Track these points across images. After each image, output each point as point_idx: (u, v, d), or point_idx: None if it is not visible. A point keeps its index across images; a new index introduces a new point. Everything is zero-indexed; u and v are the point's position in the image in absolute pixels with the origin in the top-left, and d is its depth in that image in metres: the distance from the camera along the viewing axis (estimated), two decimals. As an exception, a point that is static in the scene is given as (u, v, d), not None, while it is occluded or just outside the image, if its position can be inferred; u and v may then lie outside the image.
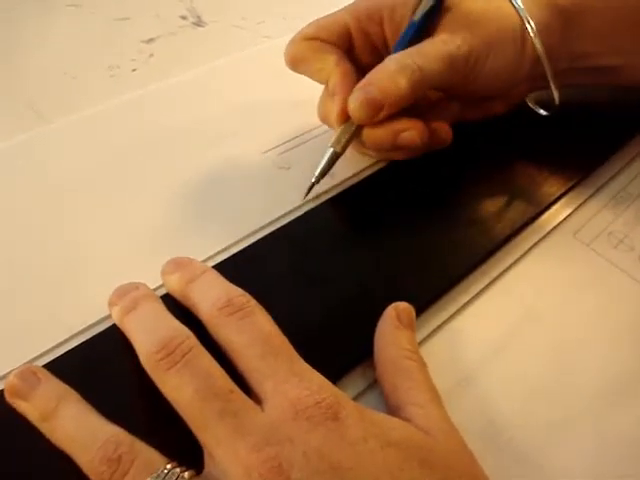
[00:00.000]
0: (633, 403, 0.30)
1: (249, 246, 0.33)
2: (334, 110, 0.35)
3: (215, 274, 0.28)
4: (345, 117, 0.35)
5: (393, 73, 0.34)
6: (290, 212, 0.35)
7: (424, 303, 0.31)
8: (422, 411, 0.26)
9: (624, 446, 0.28)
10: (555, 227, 0.38)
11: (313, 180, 0.35)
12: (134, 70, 0.42)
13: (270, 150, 0.38)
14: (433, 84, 0.35)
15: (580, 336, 0.32)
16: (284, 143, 0.39)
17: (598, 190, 0.40)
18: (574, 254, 0.36)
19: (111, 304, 0.28)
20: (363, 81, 0.34)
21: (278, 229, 0.34)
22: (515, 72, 0.37)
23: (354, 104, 0.34)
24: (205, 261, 0.32)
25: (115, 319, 0.28)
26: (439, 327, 0.31)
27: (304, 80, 0.37)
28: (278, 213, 0.35)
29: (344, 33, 0.37)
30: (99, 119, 0.39)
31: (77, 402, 0.24)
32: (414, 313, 0.29)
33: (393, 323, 0.29)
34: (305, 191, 0.35)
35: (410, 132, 0.35)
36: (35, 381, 0.25)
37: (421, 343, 0.30)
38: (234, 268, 0.31)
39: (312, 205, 0.36)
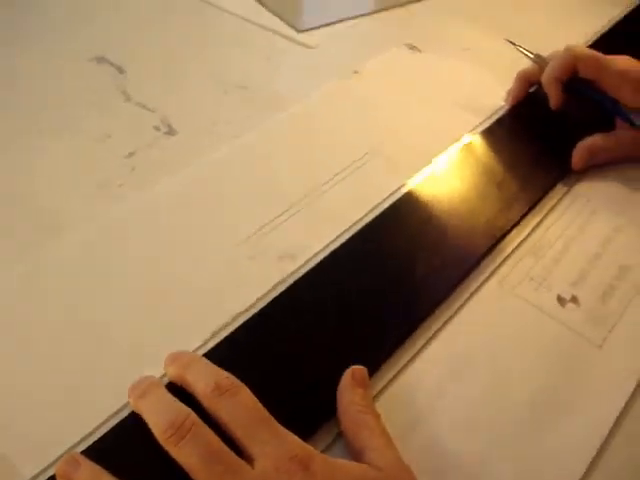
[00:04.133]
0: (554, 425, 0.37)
1: (230, 334, 0.40)
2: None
3: (204, 362, 0.36)
4: None
5: None
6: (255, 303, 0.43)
7: (377, 362, 0.39)
8: (377, 453, 0.33)
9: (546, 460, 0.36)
10: (485, 279, 0.45)
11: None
12: (120, 185, 0.50)
13: (242, 242, 0.46)
14: None
15: (508, 370, 0.40)
16: (255, 233, 0.47)
17: (521, 242, 0.48)
18: (500, 300, 0.44)
19: (129, 395, 0.36)
20: None
21: (248, 319, 0.41)
22: None
23: None
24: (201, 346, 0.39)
25: (132, 406, 0.35)
26: (390, 381, 0.39)
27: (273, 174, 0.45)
28: (250, 300, 0.42)
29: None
30: (95, 235, 0.47)
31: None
32: (366, 373, 0.37)
33: (350, 383, 0.36)
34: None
35: None
36: (76, 465, 0.33)
37: (377, 395, 0.38)
38: (220, 353, 0.39)
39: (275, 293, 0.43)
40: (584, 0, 0.79)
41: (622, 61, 0.54)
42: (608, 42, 0.66)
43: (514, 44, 0.61)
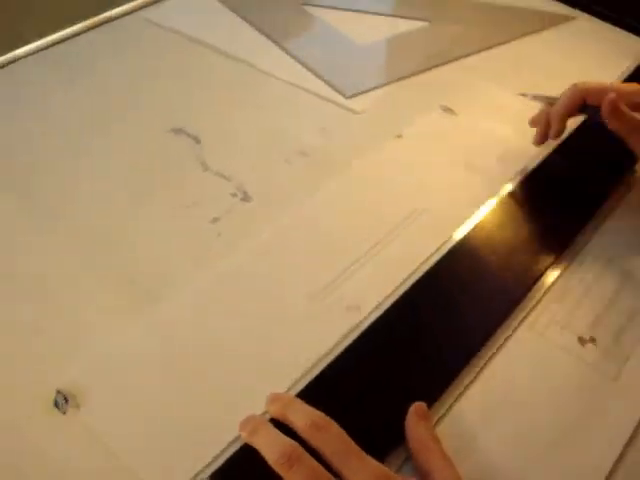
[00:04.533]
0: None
1: (314, 378, 0.50)
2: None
3: (299, 402, 0.46)
4: None
5: None
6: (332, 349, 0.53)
7: (433, 397, 0.49)
8: (440, 474, 0.43)
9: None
10: (518, 325, 0.55)
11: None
12: (209, 250, 0.60)
13: (315, 295, 0.56)
14: None
15: (537, 405, 0.50)
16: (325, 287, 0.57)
17: (548, 289, 0.58)
18: (531, 343, 0.54)
19: (240, 430, 0.46)
20: None
21: (328, 365, 0.51)
22: None
23: None
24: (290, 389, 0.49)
25: (245, 439, 0.45)
26: (445, 412, 0.49)
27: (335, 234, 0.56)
28: (327, 347, 0.52)
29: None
30: (193, 296, 0.57)
31: None
32: (426, 408, 0.47)
33: (414, 416, 0.46)
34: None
35: None
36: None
37: (436, 423, 0.48)
38: (307, 394, 0.49)
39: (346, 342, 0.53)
40: (599, 57, 0.87)
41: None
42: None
43: (526, 95, 0.70)
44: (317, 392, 0.49)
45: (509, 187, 0.66)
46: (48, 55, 0.84)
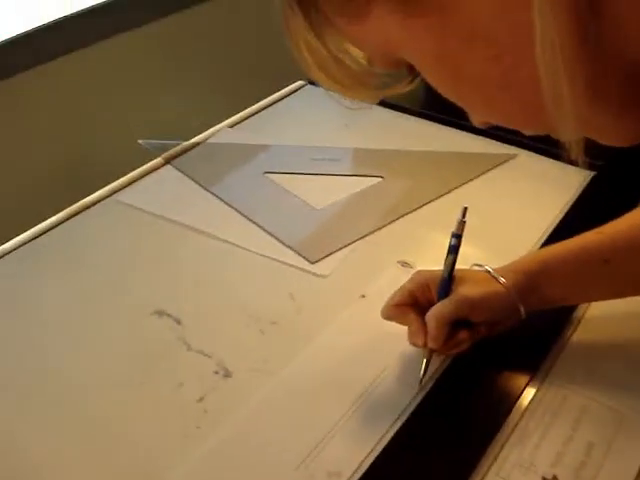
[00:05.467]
0: None
1: None
2: (421, 344, 0.66)
3: None
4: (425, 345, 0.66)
5: (430, 323, 0.65)
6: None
7: None
8: None
9: None
10: (486, 472, 0.60)
11: (420, 376, 0.67)
12: (198, 427, 0.65)
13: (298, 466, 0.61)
14: (452, 319, 0.65)
15: None
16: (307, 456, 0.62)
17: (508, 436, 0.63)
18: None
19: None
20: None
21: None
22: (502, 312, 0.67)
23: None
24: None
25: None
26: None
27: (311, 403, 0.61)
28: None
29: (411, 296, 0.68)
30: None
31: None
32: None
33: None
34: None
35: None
36: None
37: None
38: None
39: None
40: (541, 192, 0.95)
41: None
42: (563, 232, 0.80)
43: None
44: None
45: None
46: (26, 250, 0.90)
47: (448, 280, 0.68)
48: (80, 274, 0.85)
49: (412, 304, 0.69)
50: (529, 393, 0.66)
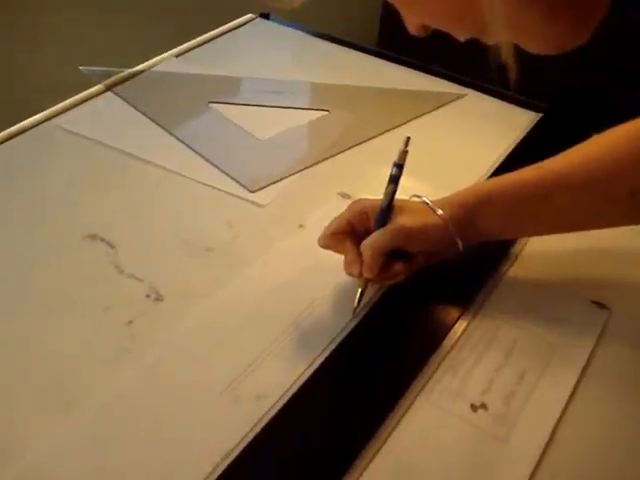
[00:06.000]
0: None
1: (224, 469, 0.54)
2: (356, 274, 0.66)
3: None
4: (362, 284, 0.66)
5: (366, 252, 0.64)
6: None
7: (337, 476, 0.53)
8: None
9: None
10: (415, 397, 0.60)
11: (355, 305, 0.66)
12: (126, 350, 0.64)
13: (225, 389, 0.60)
14: (388, 249, 0.64)
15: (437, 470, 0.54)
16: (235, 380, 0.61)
17: (440, 362, 0.63)
18: (426, 412, 0.58)
19: None
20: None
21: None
22: (440, 244, 0.67)
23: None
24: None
25: None
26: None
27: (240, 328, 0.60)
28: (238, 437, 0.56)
29: (348, 225, 0.67)
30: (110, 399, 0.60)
31: None
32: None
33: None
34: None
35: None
36: None
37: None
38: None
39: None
40: (488, 131, 0.95)
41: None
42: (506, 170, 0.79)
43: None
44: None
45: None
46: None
47: (386, 210, 0.66)
48: (14, 196, 0.82)
49: (349, 233, 0.67)
50: (462, 323, 0.66)
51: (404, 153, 0.66)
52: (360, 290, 0.66)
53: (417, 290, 0.69)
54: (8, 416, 0.58)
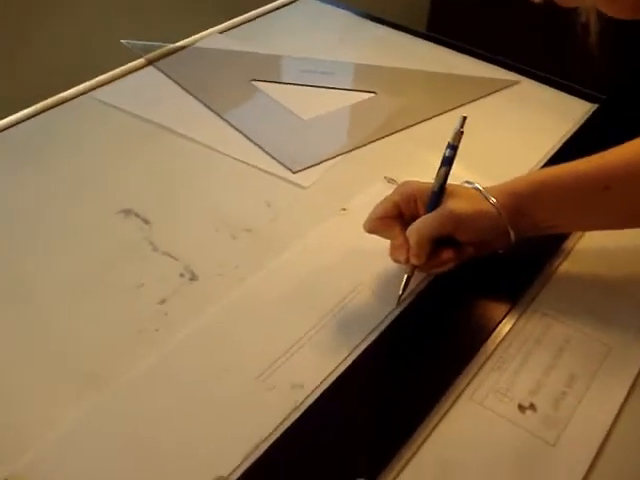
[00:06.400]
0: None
1: (258, 458, 0.51)
2: (403, 260, 0.62)
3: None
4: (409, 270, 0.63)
5: (412, 238, 0.61)
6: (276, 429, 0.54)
7: (376, 472, 0.50)
8: None
9: None
10: (459, 395, 0.56)
11: (400, 293, 0.63)
12: (157, 330, 0.61)
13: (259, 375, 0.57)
14: (435, 235, 0.61)
15: (482, 472, 0.51)
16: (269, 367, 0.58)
17: (487, 359, 0.59)
18: (472, 413, 0.55)
19: None
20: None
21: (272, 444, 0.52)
22: (491, 233, 0.63)
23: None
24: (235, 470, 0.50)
25: None
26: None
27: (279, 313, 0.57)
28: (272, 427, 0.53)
29: (396, 208, 0.63)
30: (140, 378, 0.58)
31: None
32: None
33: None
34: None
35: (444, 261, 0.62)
36: None
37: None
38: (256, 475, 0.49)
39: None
40: (540, 120, 0.91)
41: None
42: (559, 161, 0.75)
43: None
44: (260, 474, 0.49)
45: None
46: (2, 137, 0.85)
47: (438, 193, 0.63)
48: (50, 168, 0.80)
49: (397, 217, 0.64)
50: (511, 320, 0.63)
51: (459, 134, 0.62)
52: (406, 277, 0.63)
53: (465, 282, 0.65)
54: (39, 391, 0.56)
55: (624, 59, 1.01)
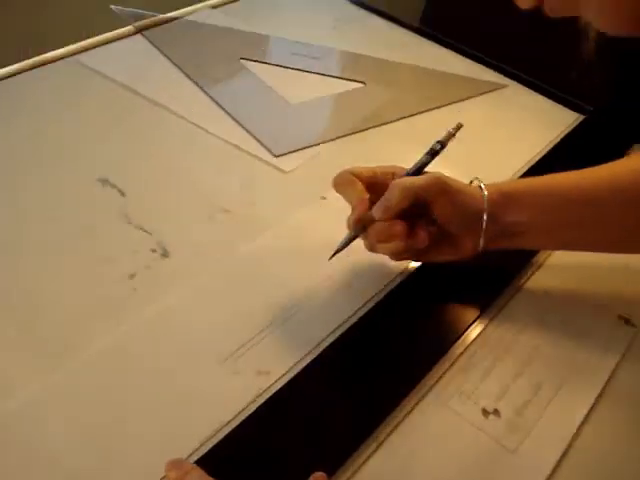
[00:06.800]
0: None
1: (216, 444, 0.50)
2: (362, 209, 0.59)
3: (199, 472, 0.46)
4: (358, 222, 0.60)
5: (394, 190, 0.58)
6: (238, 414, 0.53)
7: (334, 467, 0.49)
8: None
9: None
10: (424, 395, 0.56)
11: (337, 248, 0.61)
12: (124, 305, 0.60)
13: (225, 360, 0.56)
14: (419, 196, 0.58)
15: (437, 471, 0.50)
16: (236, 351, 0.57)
17: (455, 360, 0.59)
18: (435, 412, 0.54)
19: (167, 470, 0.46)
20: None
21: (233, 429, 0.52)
22: (468, 217, 0.60)
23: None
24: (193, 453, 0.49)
25: None
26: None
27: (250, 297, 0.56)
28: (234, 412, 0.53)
29: (372, 174, 0.63)
30: (100, 354, 0.57)
31: None
32: (326, 477, 0.47)
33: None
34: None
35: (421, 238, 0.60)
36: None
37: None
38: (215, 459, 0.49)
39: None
40: (525, 125, 0.90)
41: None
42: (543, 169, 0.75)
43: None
44: (219, 457, 0.49)
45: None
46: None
47: (412, 175, 0.62)
48: (27, 129, 0.79)
49: (367, 181, 0.63)
50: (481, 325, 0.62)
51: (451, 135, 0.62)
52: (351, 236, 0.61)
53: (436, 290, 0.65)
54: (2, 360, 0.55)
55: (617, 70, 1.01)
